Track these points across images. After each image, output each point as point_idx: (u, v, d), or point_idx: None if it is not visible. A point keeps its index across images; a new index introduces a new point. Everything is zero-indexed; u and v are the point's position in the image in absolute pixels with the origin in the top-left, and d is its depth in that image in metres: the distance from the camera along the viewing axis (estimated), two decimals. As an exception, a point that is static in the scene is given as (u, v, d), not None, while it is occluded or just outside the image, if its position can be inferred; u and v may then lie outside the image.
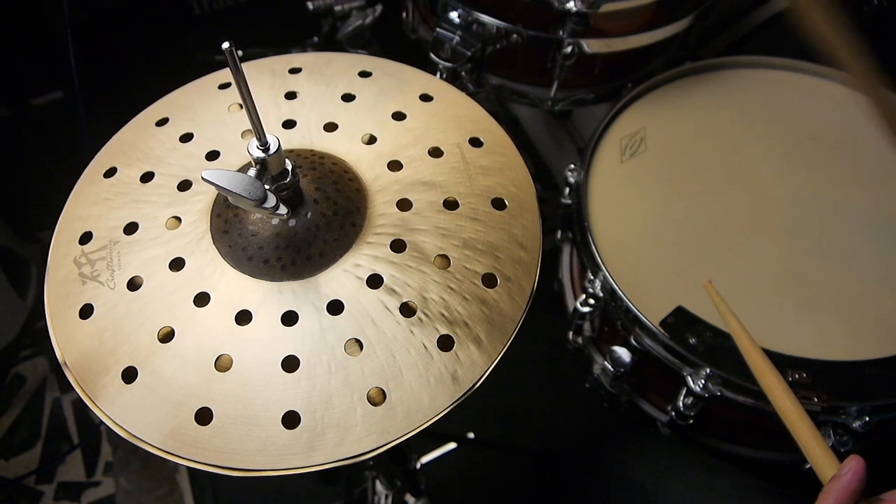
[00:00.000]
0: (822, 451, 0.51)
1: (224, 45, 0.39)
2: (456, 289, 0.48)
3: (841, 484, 0.46)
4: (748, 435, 0.88)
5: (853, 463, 0.47)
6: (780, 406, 0.55)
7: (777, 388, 0.55)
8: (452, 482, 1.31)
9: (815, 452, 0.51)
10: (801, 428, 0.52)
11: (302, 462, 0.43)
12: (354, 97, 0.59)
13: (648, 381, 0.91)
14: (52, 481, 1.38)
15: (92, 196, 0.54)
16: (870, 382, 0.74)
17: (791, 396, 0.54)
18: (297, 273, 0.49)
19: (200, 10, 1.37)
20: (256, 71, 0.61)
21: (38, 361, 1.51)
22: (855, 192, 0.91)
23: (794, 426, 0.53)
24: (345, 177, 0.53)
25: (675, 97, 1.02)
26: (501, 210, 0.52)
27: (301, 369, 0.45)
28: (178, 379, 0.45)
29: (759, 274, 0.84)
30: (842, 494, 0.46)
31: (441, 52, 0.98)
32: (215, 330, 0.47)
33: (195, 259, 0.50)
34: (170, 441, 0.43)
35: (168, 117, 0.58)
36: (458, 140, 0.56)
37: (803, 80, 1.03)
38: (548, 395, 1.41)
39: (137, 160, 0.56)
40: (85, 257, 0.51)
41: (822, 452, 0.50)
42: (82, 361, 0.47)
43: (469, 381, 0.45)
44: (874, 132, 0.97)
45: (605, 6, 0.90)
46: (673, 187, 0.93)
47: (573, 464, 0.93)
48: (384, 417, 0.44)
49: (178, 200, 0.53)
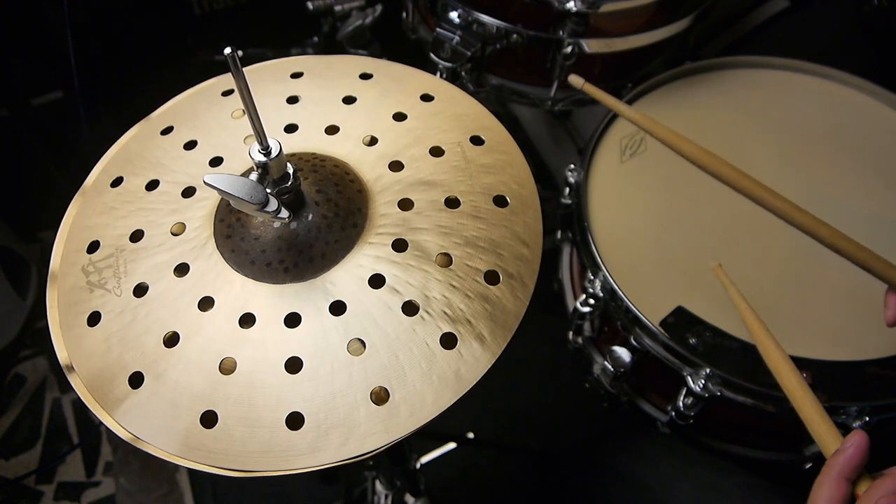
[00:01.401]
0: (826, 428, 0.51)
1: (226, 51, 0.39)
2: (458, 286, 0.48)
3: (844, 457, 0.47)
4: (748, 435, 0.88)
5: (857, 437, 0.47)
6: (787, 385, 0.55)
7: (784, 367, 0.56)
8: (452, 482, 1.31)
9: (820, 429, 0.51)
10: (807, 407, 0.53)
11: (307, 462, 0.43)
12: (356, 99, 0.59)
13: (648, 381, 0.91)
14: (52, 481, 1.38)
15: (99, 206, 0.55)
16: (870, 382, 0.74)
17: (797, 376, 0.55)
18: (300, 275, 0.49)
19: (200, 10, 1.37)
20: (258, 76, 0.61)
21: (38, 361, 1.51)
22: (855, 192, 0.91)
23: (800, 404, 0.53)
24: (346, 178, 0.53)
25: (675, 97, 1.02)
26: (503, 207, 0.52)
27: (304, 370, 0.46)
28: (183, 383, 0.45)
29: (758, 273, 0.84)
30: (844, 467, 0.46)
31: (441, 52, 0.98)
32: (219, 333, 0.47)
33: (199, 264, 0.50)
34: (176, 445, 0.44)
35: (173, 126, 0.59)
36: (459, 139, 0.56)
37: (803, 80, 1.03)
38: (548, 395, 1.41)
39: (143, 169, 0.56)
40: (93, 266, 0.51)
41: (827, 429, 0.51)
42: (91, 369, 0.47)
43: (472, 378, 0.45)
44: (874, 132, 0.98)
45: (605, 6, 0.90)
46: (673, 187, 0.93)
47: (573, 463, 0.93)
48: (388, 416, 0.44)
49: (182, 207, 0.53)
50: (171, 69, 1.25)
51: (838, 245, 0.64)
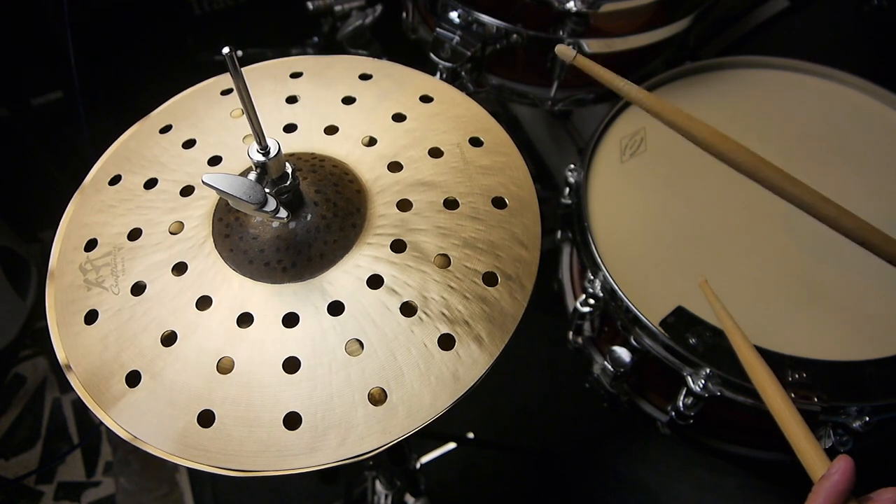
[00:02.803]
0: (813, 450, 0.50)
1: (224, 51, 0.39)
2: (456, 288, 0.48)
3: (830, 483, 0.46)
4: (748, 435, 0.88)
5: (842, 462, 0.47)
6: (773, 405, 0.55)
7: (770, 387, 0.55)
8: (452, 482, 1.31)
9: (806, 452, 0.51)
10: (792, 427, 0.52)
11: (304, 462, 0.43)
12: (355, 100, 0.59)
13: (648, 381, 0.91)
14: (52, 481, 1.38)
15: (97, 204, 0.55)
16: (870, 382, 0.74)
17: (783, 395, 0.54)
18: (298, 275, 0.49)
19: (200, 10, 1.37)
20: (258, 76, 0.61)
21: (38, 361, 1.51)
22: (855, 192, 0.91)
23: (785, 425, 0.53)
24: (345, 179, 0.53)
25: (675, 97, 1.02)
26: (502, 209, 0.52)
27: (302, 370, 0.46)
28: (180, 382, 0.45)
29: (758, 273, 0.84)
30: (830, 494, 0.46)
31: (441, 52, 0.98)
32: (217, 333, 0.47)
33: (197, 263, 0.50)
34: (173, 444, 0.44)
35: (172, 124, 0.59)
36: (458, 140, 0.56)
37: (803, 80, 1.03)
38: (548, 395, 1.41)
39: (141, 167, 0.56)
40: (90, 264, 0.51)
41: (813, 452, 0.50)
42: (88, 367, 0.47)
43: (470, 379, 0.45)
44: (874, 132, 0.98)
45: (605, 6, 0.90)
46: (673, 187, 0.93)
47: (573, 463, 0.93)
48: (386, 417, 0.44)
49: (180, 206, 0.53)
50: (171, 69, 1.26)
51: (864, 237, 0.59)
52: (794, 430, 0.52)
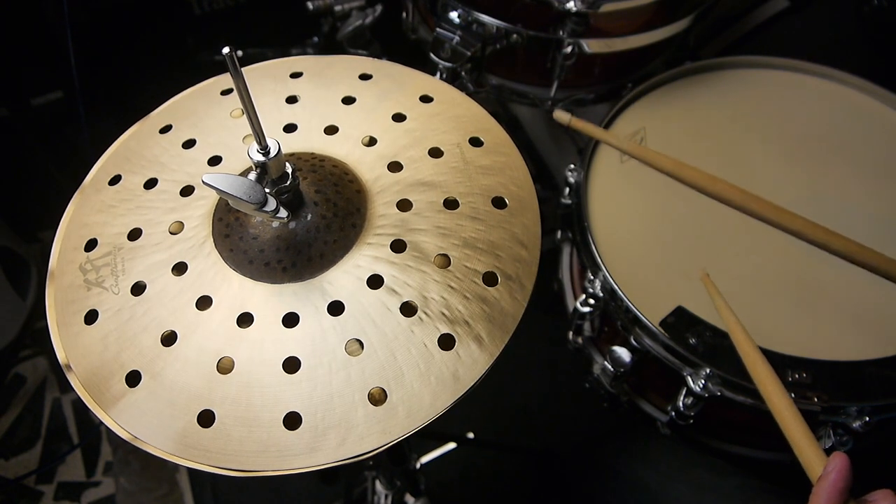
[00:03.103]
0: (811, 449, 0.50)
1: (224, 51, 0.39)
2: (456, 288, 0.48)
3: (828, 483, 0.46)
4: (748, 435, 0.88)
5: (837, 460, 0.47)
6: (773, 403, 0.55)
7: (770, 384, 0.55)
8: (452, 482, 1.31)
9: (805, 451, 0.51)
10: (792, 426, 0.52)
11: (304, 462, 0.43)
12: (355, 100, 0.59)
13: (648, 381, 0.91)
14: (52, 481, 1.38)
15: (97, 204, 0.55)
16: (870, 382, 0.74)
17: (784, 394, 0.54)
18: (298, 275, 0.49)
19: (200, 11, 1.37)
20: (258, 76, 0.61)
21: (38, 361, 1.51)
22: (854, 192, 0.91)
23: (785, 424, 0.53)
24: (345, 179, 0.53)
25: (675, 97, 1.02)
26: (502, 209, 0.52)
27: (302, 370, 0.45)
28: (180, 382, 0.45)
29: (758, 274, 0.84)
30: (831, 493, 0.46)
31: (441, 52, 0.98)
32: (217, 333, 0.47)
33: (197, 263, 0.50)
34: (173, 444, 0.44)
35: (171, 124, 0.59)
36: (458, 140, 0.56)
37: (803, 80, 1.03)
38: (548, 395, 1.41)
39: (141, 167, 0.56)
40: (90, 264, 0.51)
41: (813, 452, 0.50)
42: (88, 367, 0.47)
43: (470, 379, 0.45)
44: (874, 132, 0.98)
45: (605, 6, 0.90)
46: (672, 187, 0.92)
47: (573, 463, 0.93)
48: (386, 417, 0.44)
49: (180, 206, 0.53)
50: (171, 69, 1.26)
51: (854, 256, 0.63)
52: (793, 429, 0.52)
